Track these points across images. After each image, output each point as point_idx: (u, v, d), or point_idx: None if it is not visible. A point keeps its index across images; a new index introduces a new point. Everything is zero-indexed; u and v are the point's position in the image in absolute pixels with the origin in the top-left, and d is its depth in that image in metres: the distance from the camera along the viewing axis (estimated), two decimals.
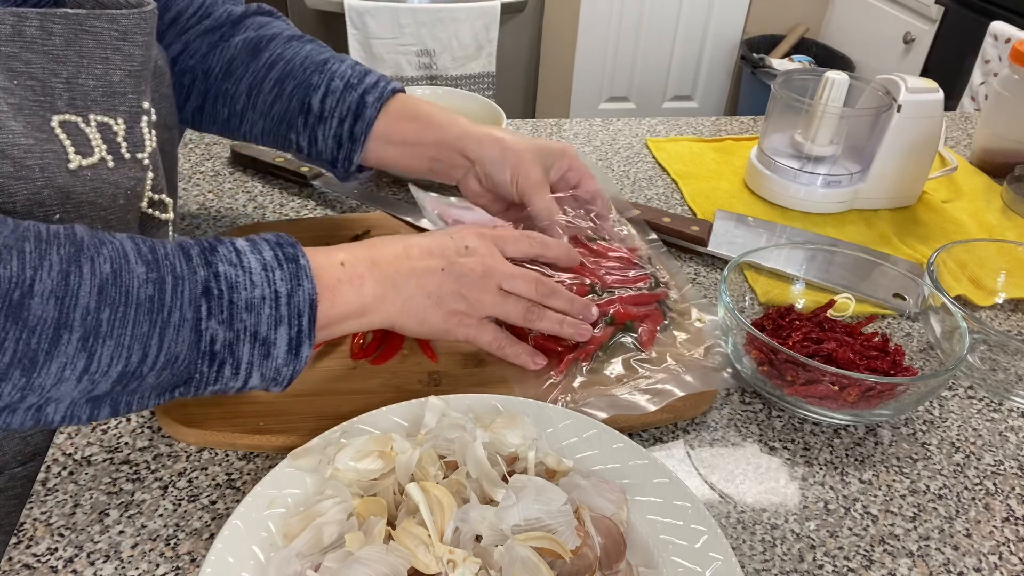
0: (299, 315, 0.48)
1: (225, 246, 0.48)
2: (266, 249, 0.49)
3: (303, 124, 0.71)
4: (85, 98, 0.52)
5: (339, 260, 0.53)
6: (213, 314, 0.46)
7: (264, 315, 0.47)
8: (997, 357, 0.68)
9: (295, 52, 0.72)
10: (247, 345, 0.47)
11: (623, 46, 2.69)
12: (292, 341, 0.49)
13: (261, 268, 0.48)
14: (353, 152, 0.71)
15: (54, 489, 0.54)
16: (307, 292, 0.49)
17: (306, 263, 0.49)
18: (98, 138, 0.53)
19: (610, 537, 0.48)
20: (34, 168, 0.48)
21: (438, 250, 0.58)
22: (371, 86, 0.70)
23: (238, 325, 0.47)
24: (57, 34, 0.49)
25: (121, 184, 0.55)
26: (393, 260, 0.56)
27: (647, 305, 0.71)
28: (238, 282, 0.47)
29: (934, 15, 2.24)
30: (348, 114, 0.70)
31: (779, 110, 0.96)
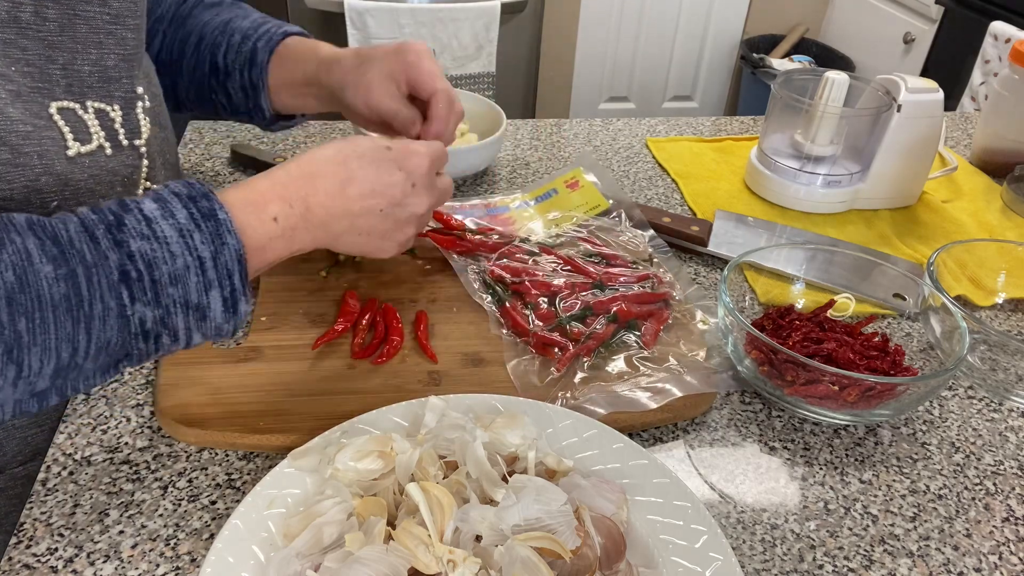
0: (229, 275, 0.46)
1: (133, 215, 0.45)
2: (179, 209, 0.46)
3: (216, 83, 0.74)
4: (81, 84, 0.52)
5: (272, 215, 0.50)
6: (137, 298, 0.44)
7: (192, 284, 0.45)
8: (997, 357, 0.68)
9: (211, 17, 0.75)
10: (180, 315, 0.46)
11: (623, 46, 2.68)
12: (227, 300, 0.47)
13: (178, 235, 0.45)
14: (259, 99, 0.73)
15: (54, 489, 0.54)
16: (233, 249, 0.46)
17: (225, 216, 0.46)
18: (96, 125, 0.53)
19: (610, 537, 0.48)
20: (32, 155, 0.48)
21: (381, 187, 0.56)
22: (263, 34, 0.73)
23: (165, 300, 0.45)
24: (51, 19, 0.49)
25: (119, 171, 0.55)
26: (327, 200, 0.54)
27: (650, 304, 0.71)
28: (156, 257, 0.44)
29: (934, 15, 2.24)
30: (245, 64, 0.72)
31: (779, 110, 0.96)
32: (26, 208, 0.48)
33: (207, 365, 0.62)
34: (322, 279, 0.73)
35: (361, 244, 0.57)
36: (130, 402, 0.61)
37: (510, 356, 0.65)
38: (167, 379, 0.60)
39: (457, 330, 0.68)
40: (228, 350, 0.64)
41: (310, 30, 0.78)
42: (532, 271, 0.73)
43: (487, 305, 0.71)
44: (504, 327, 0.68)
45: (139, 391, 0.62)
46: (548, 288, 0.71)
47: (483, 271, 0.74)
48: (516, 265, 0.74)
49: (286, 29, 0.74)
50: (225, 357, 0.63)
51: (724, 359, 0.68)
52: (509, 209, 0.86)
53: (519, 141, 1.06)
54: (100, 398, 0.61)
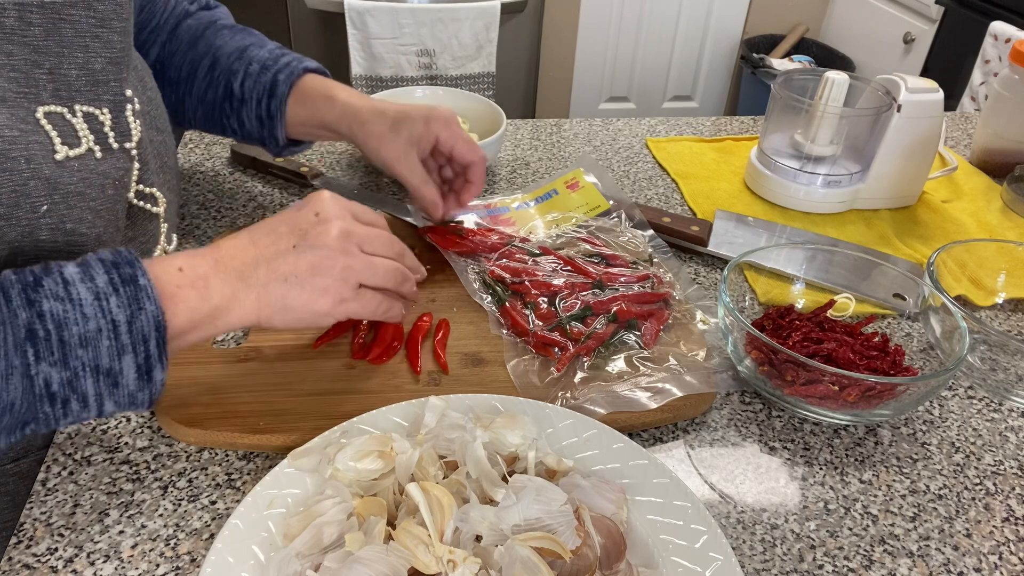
0: (144, 340, 0.45)
1: (52, 278, 0.44)
2: (99, 274, 0.45)
3: (230, 108, 0.74)
4: (69, 88, 0.52)
5: (176, 266, 0.49)
6: (42, 357, 0.43)
7: (103, 347, 0.44)
8: (997, 357, 0.68)
9: (224, 40, 0.76)
10: (89, 380, 0.44)
11: (623, 46, 2.68)
12: (141, 367, 0.45)
13: (93, 298, 0.44)
14: (274, 129, 0.74)
15: (54, 489, 0.54)
16: (151, 315, 0.45)
17: (146, 282, 0.45)
18: (85, 128, 0.53)
19: (610, 537, 0.48)
20: (19, 160, 0.48)
21: (285, 227, 0.54)
22: (284, 66, 0.73)
23: (74, 363, 0.43)
24: (36, 24, 0.49)
25: (109, 174, 0.55)
26: (237, 252, 0.52)
27: (650, 304, 0.71)
28: (67, 318, 0.43)
29: (934, 15, 2.24)
30: (264, 94, 0.73)
31: (779, 110, 0.96)
32: (15, 212, 0.48)
33: (207, 365, 0.62)
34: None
35: (295, 293, 0.53)
36: None
37: (510, 356, 0.65)
38: (167, 379, 0.60)
39: (457, 330, 0.68)
40: (228, 350, 0.64)
41: (310, 30, 0.78)
42: (532, 271, 0.73)
43: (487, 305, 0.71)
44: (504, 327, 0.68)
45: None
46: (548, 288, 0.71)
47: (483, 271, 0.74)
48: (516, 265, 0.74)
49: (306, 64, 0.75)
50: (225, 357, 0.63)
51: (724, 359, 0.68)
52: (509, 210, 0.86)
53: (519, 141, 1.06)
54: None
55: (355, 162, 0.98)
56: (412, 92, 1.00)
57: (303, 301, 0.53)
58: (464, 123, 0.98)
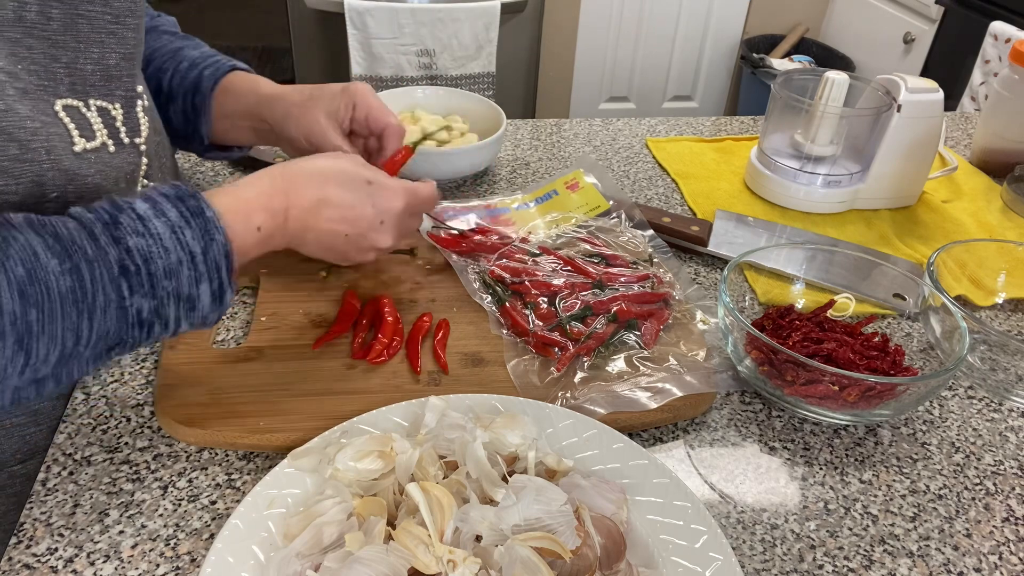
0: (217, 268, 0.50)
1: (127, 215, 0.48)
2: (169, 208, 0.49)
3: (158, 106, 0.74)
4: (84, 83, 0.53)
5: (256, 224, 0.54)
6: (135, 290, 0.47)
7: (184, 276, 0.48)
8: (997, 357, 0.68)
9: (162, 43, 0.77)
10: (172, 306, 0.49)
11: (623, 46, 2.68)
12: (215, 293, 0.50)
13: (170, 232, 0.48)
14: (199, 124, 0.75)
15: (54, 489, 0.54)
16: (220, 245, 0.50)
17: (212, 214, 0.50)
18: (99, 122, 0.55)
19: (610, 537, 0.48)
20: (40, 150, 0.49)
21: (352, 216, 0.61)
22: (211, 63, 0.75)
23: (161, 292, 0.48)
24: (55, 19, 0.50)
25: (122, 168, 0.57)
26: (303, 216, 0.58)
27: (650, 304, 0.71)
28: (152, 252, 0.47)
29: (934, 15, 2.24)
30: (190, 90, 0.74)
31: (779, 110, 0.96)
32: (27, 200, 0.49)
33: (207, 365, 0.62)
34: (322, 279, 0.73)
35: (320, 253, 0.62)
36: (130, 402, 0.61)
37: (510, 356, 0.65)
38: (167, 379, 0.60)
39: (457, 330, 0.68)
40: (228, 350, 0.64)
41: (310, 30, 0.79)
42: (532, 271, 0.73)
43: (487, 305, 0.71)
44: (504, 327, 0.68)
45: (139, 391, 0.62)
46: (548, 288, 0.71)
47: (483, 271, 0.74)
48: (516, 265, 0.74)
49: (234, 64, 0.76)
50: (225, 357, 0.63)
51: (724, 359, 0.68)
52: (509, 210, 0.86)
53: (519, 141, 1.06)
54: (100, 398, 0.61)
55: None
56: (412, 92, 1.00)
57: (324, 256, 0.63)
58: (464, 122, 0.98)
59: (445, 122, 0.97)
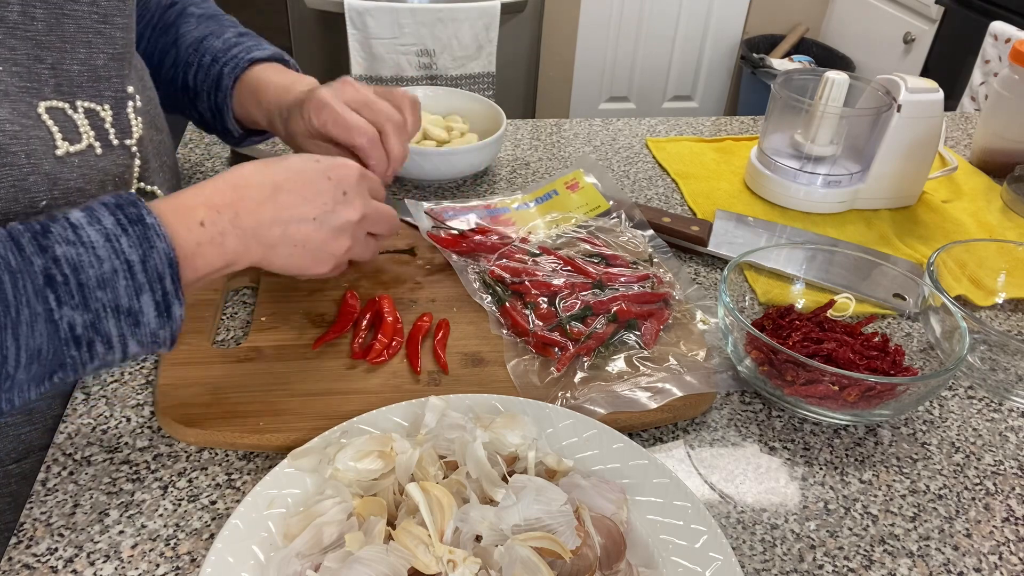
0: (160, 278, 0.46)
1: (59, 224, 0.44)
2: (106, 216, 0.45)
3: (187, 100, 0.75)
4: (71, 84, 0.52)
5: (198, 219, 0.50)
6: (64, 302, 0.43)
7: (121, 287, 0.45)
8: (997, 357, 0.68)
9: (188, 29, 0.75)
10: (112, 320, 0.45)
11: (623, 46, 2.68)
12: (159, 305, 0.46)
13: (104, 239, 0.44)
14: (225, 122, 0.74)
15: (54, 489, 0.54)
16: (162, 252, 0.46)
17: (153, 220, 0.46)
18: (86, 124, 0.53)
19: (610, 537, 0.48)
20: (20, 154, 0.48)
21: (312, 193, 0.56)
22: (231, 59, 0.73)
23: (95, 304, 0.44)
24: (39, 19, 0.50)
25: (109, 171, 0.55)
26: (257, 206, 0.53)
27: (650, 304, 0.71)
28: (82, 261, 0.44)
29: (934, 15, 2.24)
30: (212, 87, 0.73)
31: (779, 110, 0.96)
32: (13, 207, 0.48)
33: (207, 365, 0.62)
34: (322, 279, 0.73)
35: (297, 257, 0.56)
36: (130, 402, 0.61)
37: (510, 356, 0.65)
38: (167, 379, 0.60)
39: (457, 330, 0.68)
40: (228, 350, 0.64)
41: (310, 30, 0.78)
42: (532, 271, 0.73)
43: (487, 305, 0.71)
44: (504, 327, 0.68)
45: (139, 391, 0.62)
46: (548, 288, 0.71)
47: (483, 271, 0.74)
48: (516, 265, 0.74)
49: (254, 55, 0.73)
50: (225, 357, 0.63)
51: (724, 359, 0.68)
52: (509, 210, 0.86)
53: (519, 141, 1.06)
54: (100, 398, 0.61)
55: None
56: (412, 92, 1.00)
57: (303, 264, 0.57)
58: (464, 122, 0.98)
59: (445, 122, 0.97)
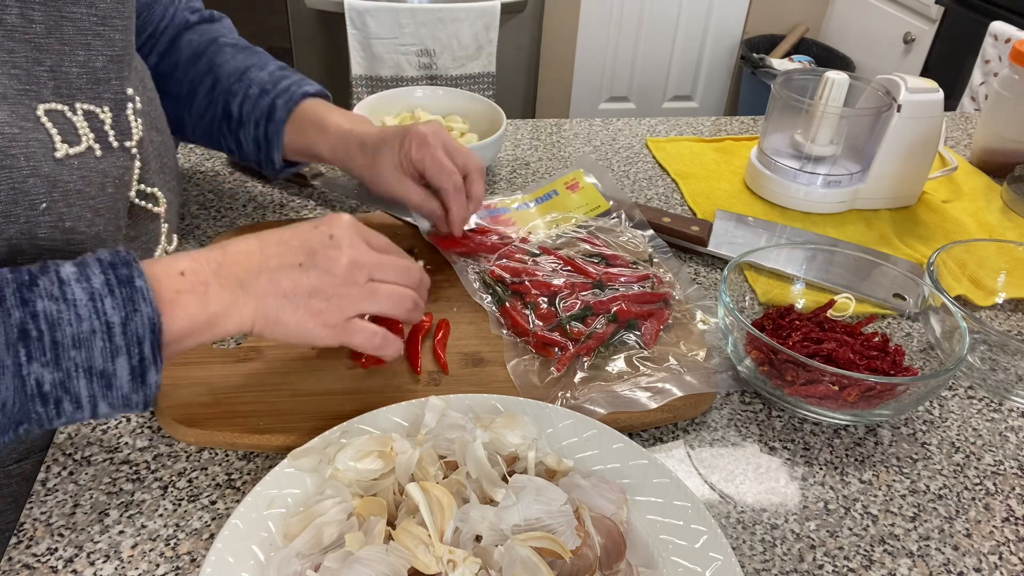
0: (138, 343, 0.44)
1: (48, 277, 0.44)
2: (96, 274, 0.44)
3: (227, 129, 0.75)
4: (70, 86, 0.52)
5: (179, 269, 0.48)
6: (34, 357, 0.42)
7: (97, 349, 0.44)
8: (997, 357, 0.68)
9: (226, 59, 0.75)
10: (83, 381, 0.44)
11: (623, 46, 2.68)
12: (135, 369, 0.45)
13: (88, 299, 0.44)
14: (271, 153, 0.74)
15: (54, 489, 0.54)
16: (146, 317, 0.45)
17: (143, 284, 0.45)
18: (85, 127, 0.53)
19: (610, 537, 0.48)
20: (19, 157, 0.48)
21: (297, 242, 0.53)
22: (283, 91, 0.73)
23: (67, 364, 0.43)
24: (37, 21, 0.49)
25: (109, 173, 0.55)
26: (242, 259, 0.51)
27: (650, 304, 0.71)
28: (61, 319, 0.43)
29: (934, 15, 2.24)
30: (262, 118, 0.73)
31: (779, 110, 0.96)
32: (13, 209, 0.48)
33: (207, 365, 0.62)
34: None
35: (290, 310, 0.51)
36: None
37: (510, 356, 0.65)
38: (167, 379, 0.60)
39: (457, 330, 0.68)
40: (228, 350, 0.64)
41: (310, 30, 0.79)
42: (532, 271, 0.73)
43: (487, 305, 0.71)
44: (504, 327, 0.68)
45: None
46: (548, 288, 0.71)
47: (483, 271, 0.74)
48: (516, 265, 0.74)
49: (305, 89, 0.74)
50: (225, 357, 0.63)
51: (724, 359, 0.68)
52: (509, 210, 0.86)
53: (519, 141, 1.06)
54: None
55: None
56: (412, 92, 1.00)
57: (296, 320, 0.52)
58: (464, 122, 0.98)
59: (445, 122, 0.97)
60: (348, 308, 0.53)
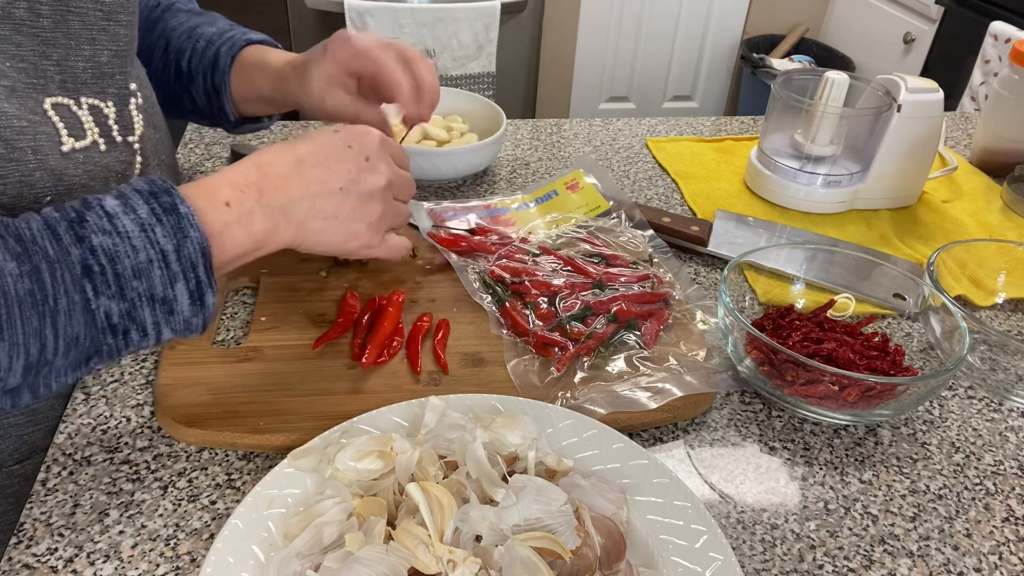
0: (193, 267, 0.46)
1: (95, 212, 0.45)
2: (140, 205, 0.46)
3: (181, 88, 0.75)
4: (75, 80, 0.53)
5: (224, 199, 0.50)
6: (101, 292, 0.44)
7: (156, 277, 0.45)
8: (997, 357, 0.68)
9: (179, 22, 0.76)
10: (147, 309, 0.46)
11: (623, 46, 2.69)
12: (193, 293, 0.47)
13: (139, 229, 0.45)
14: (222, 103, 0.74)
15: (54, 489, 0.54)
16: (196, 242, 0.46)
17: (187, 210, 0.46)
18: (90, 121, 0.54)
19: (610, 537, 0.48)
20: (26, 150, 0.48)
21: (335, 163, 0.56)
22: (226, 40, 0.73)
23: (131, 294, 0.45)
24: (45, 15, 0.50)
25: (112, 167, 0.56)
26: (283, 184, 0.53)
27: (650, 304, 0.71)
28: (118, 251, 0.44)
29: (934, 15, 2.24)
30: (208, 68, 0.73)
31: (779, 110, 0.96)
32: (19, 203, 0.48)
33: (207, 365, 0.62)
34: (322, 279, 0.73)
35: (329, 232, 0.56)
36: (130, 402, 0.61)
37: (510, 356, 0.65)
38: (167, 379, 0.60)
39: (457, 330, 0.68)
40: (228, 350, 0.64)
41: (310, 30, 0.79)
42: (532, 271, 0.73)
43: (487, 305, 0.71)
44: (504, 327, 0.68)
45: (139, 391, 0.62)
46: (548, 288, 0.71)
47: (483, 271, 0.74)
48: (516, 265, 0.74)
49: (249, 37, 0.75)
50: (225, 357, 0.63)
51: (724, 359, 0.68)
52: (509, 210, 0.86)
53: (519, 141, 1.06)
54: (100, 398, 0.61)
55: None
56: None
57: (337, 240, 0.57)
58: (464, 122, 0.98)
59: (445, 122, 0.97)
60: (382, 227, 0.60)
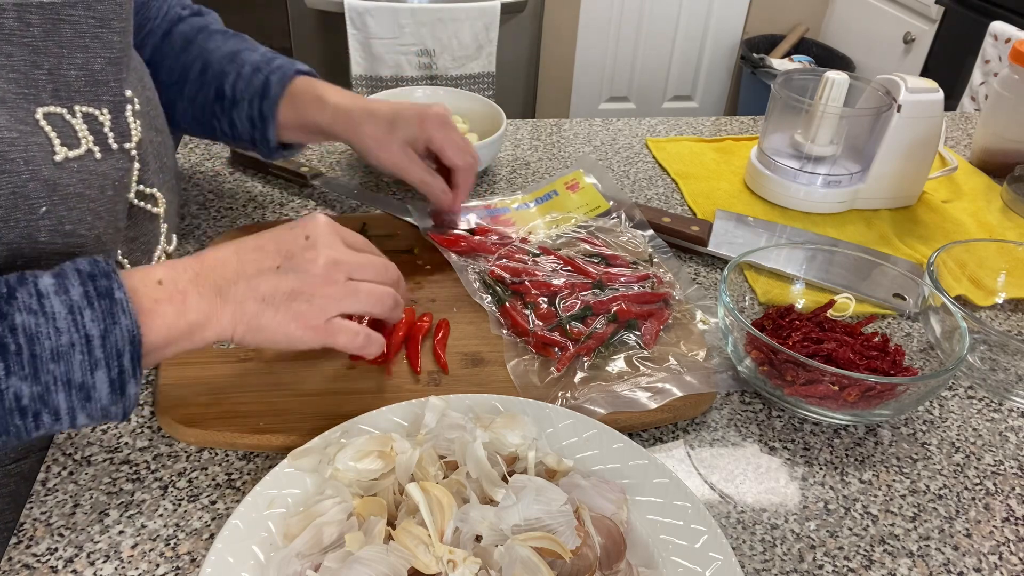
0: (118, 355, 0.44)
1: (27, 288, 0.43)
2: (74, 286, 0.44)
3: (220, 110, 0.75)
4: (68, 89, 0.52)
5: (156, 278, 0.48)
6: (13, 371, 0.42)
7: (76, 362, 0.43)
8: (997, 357, 0.68)
9: (217, 44, 0.76)
10: (62, 394, 0.44)
11: (623, 46, 2.68)
12: (114, 382, 0.45)
13: (67, 311, 0.43)
14: (266, 131, 0.74)
15: (54, 489, 0.54)
16: (125, 328, 0.44)
17: (122, 296, 0.45)
18: (84, 129, 0.53)
19: (610, 537, 0.48)
20: (18, 161, 0.48)
21: (272, 245, 0.53)
22: (276, 68, 0.74)
23: (46, 377, 0.43)
24: (35, 25, 0.49)
25: (109, 175, 0.55)
26: (219, 266, 0.51)
27: (650, 304, 0.71)
28: (39, 332, 0.43)
29: (934, 15, 2.24)
30: (256, 95, 0.73)
31: (779, 110, 0.96)
32: (13, 214, 0.48)
33: (207, 365, 0.62)
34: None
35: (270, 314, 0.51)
36: None
37: (510, 356, 0.65)
38: (167, 379, 0.60)
39: (457, 330, 0.68)
40: (228, 350, 0.64)
41: (310, 30, 0.79)
42: (532, 271, 0.73)
43: (487, 305, 0.71)
44: (504, 327, 0.68)
45: None
46: (548, 288, 0.71)
47: (483, 271, 0.74)
48: (516, 265, 0.74)
49: (298, 67, 0.76)
50: (225, 357, 0.63)
51: (724, 359, 0.68)
52: (509, 210, 0.86)
53: (519, 141, 1.06)
54: None
55: (355, 162, 0.98)
56: (412, 92, 1.00)
57: (276, 324, 0.51)
58: (464, 122, 0.98)
59: None
60: (329, 308, 0.52)
